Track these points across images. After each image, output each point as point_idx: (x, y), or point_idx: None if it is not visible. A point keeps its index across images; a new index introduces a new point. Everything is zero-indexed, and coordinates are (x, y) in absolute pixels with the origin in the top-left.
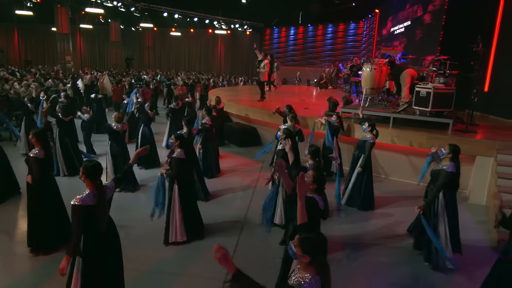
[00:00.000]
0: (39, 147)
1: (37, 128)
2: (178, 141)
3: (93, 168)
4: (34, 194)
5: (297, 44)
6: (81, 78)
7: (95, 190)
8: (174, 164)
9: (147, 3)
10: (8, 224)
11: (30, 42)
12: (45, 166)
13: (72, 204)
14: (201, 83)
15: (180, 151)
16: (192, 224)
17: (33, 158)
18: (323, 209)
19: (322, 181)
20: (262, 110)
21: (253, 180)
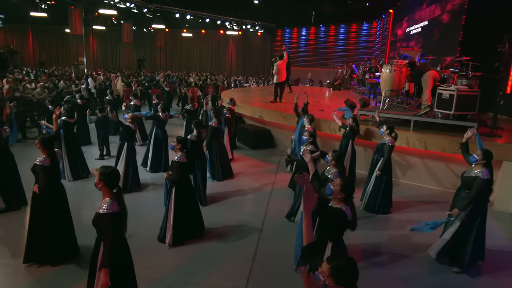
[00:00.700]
0: (45, 154)
1: (44, 134)
2: (179, 144)
3: (111, 174)
4: (39, 203)
5: (309, 44)
6: (92, 79)
7: (114, 196)
8: (175, 168)
9: (159, 4)
10: (14, 231)
11: (44, 43)
12: (51, 174)
13: (101, 214)
14: (212, 84)
15: (181, 154)
16: (184, 228)
17: (39, 167)
18: (352, 220)
19: (350, 190)
20: (276, 112)
21: (269, 183)
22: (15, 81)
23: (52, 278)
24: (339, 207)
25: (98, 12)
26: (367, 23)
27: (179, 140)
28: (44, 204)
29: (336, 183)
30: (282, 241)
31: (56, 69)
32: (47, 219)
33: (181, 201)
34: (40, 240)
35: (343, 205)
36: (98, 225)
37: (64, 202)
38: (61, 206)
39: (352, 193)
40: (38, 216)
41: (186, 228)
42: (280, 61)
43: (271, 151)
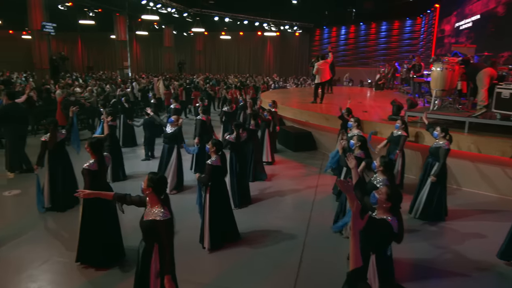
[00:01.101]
0: (94, 158)
1: (92, 138)
2: (214, 147)
3: (160, 181)
4: (87, 206)
5: (348, 43)
6: (137, 82)
7: (163, 202)
8: (206, 170)
9: (199, 8)
10: (67, 230)
11: (92, 49)
12: (98, 178)
13: (159, 221)
14: (252, 86)
15: (215, 157)
16: (220, 232)
17: (85, 171)
18: (398, 232)
19: (397, 199)
20: (318, 114)
21: (312, 186)
22: (66, 86)
23: (100, 281)
24: (383, 218)
25: (141, 18)
26: (410, 20)
27: (214, 143)
28: (91, 208)
29: (381, 191)
30: (328, 251)
31: (103, 73)
32: (95, 222)
33: (215, 206)
34: (89, 242)
35: (389, 216)
36: (154, 233)
37: (111, 206)
38: (108, 210)
39: (399, 203)
40: (87, 219)
41: (221, 232)
42: (321, 61)
43: (312, 153)
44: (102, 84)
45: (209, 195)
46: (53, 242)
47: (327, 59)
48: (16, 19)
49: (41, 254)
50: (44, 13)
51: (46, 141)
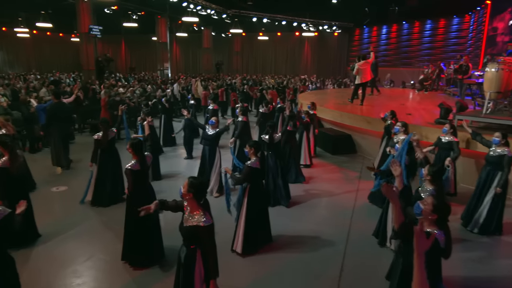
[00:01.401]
0: (135, 159)
1: (133, 139)
2: (253, 148)
3: (200, 186)
4: (130, 207)
5: (389, 43)
6: (178, 83)
7: (203, 207)
8: (245, 171)
9: (237, 10)
10: (110, 228)
11: (134, 51)
12: (140, 178)
13: (203, 227)
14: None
15: (255, 160)
16: (255, 237)
17: (128, 171)
18: (444, 247)
19: (445, 211)
20: (359, 116)
21: (351, 191)
22: (110, 86)
23: (140, 280)
24: (428, 231)
25: (181, 20)
26: (458, 17)
27: (252, 145)
28: (134, 208)
29: (427, 201)
30: (370, 262)
31: (145, 74)
32: (138, 223)
33: (253, 209)
34: (132, 241)
35: (435, 229)
36: (197, 238)
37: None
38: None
39: (447, 215)
40: (130, 218)
41: (256, 236)
42: (362, 61)
43: (351, 157)
44: (144, 84)
45: (247, 198)
46: (97, 239)
47: (368, 59)
48: (66, 23)
49: (85, 250)
50: (91, 17)
51: (99, 139)
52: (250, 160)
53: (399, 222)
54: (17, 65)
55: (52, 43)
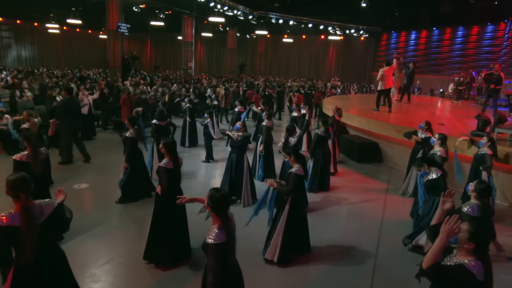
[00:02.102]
0: (168, 158)
1: (167, 139)
2: (292, 155)
3: (221, 200)
4: (161, 205)
5: (418, 49)
6: (200, 84)
7: (223, 223)
8: (291, 180)
9: (264, 11)
10: (131, 228)
11: (159, 49)
12: (173, 177)
13: (211, 244)
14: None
15: (298, 167)
16: (291, 246)
17: (162, 168)
18: (483, 280)
19: (483, 240)
20: (388, 124)
21: (379, 203)
22: (136, 84)
23: (166, 281)
24: (461, 264)
25: (207, 20)
26: (492, 25)
27: (291, 152)
28: (165, 207)
29: (462, 228)
30: (401, 274)
31: (170, 73)
32: (167, 222)
33: (293, 218)
34: (159, 241)
35: (472, 259)
36: (206, 253)
37: (182, 206)
38: (180, 210)
39: (486, 245)
40: (159, 218)
41: (293, 246)
42: (386, 67)
43: (378, 166)
44: (168, 83)
45: (290, 205)
46: (117, 240)
47: (392, 65)
48: (95, 20)
49: (104, 253)
50: (120, 14)
51: (133, 137)
52: (294, 168)
53: (432, 262)
54: (47, 60)
55: (81, 40)
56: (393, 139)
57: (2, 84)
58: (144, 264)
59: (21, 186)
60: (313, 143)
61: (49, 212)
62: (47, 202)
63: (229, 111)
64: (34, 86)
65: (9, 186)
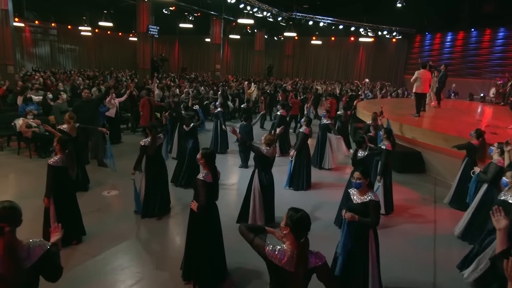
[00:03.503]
0: (207, 170)
1: (206, 149)
2: (368, 178)
3: (301, 221)
4: (197, 221)
5: (454, 51)
6: (228, 87)
7: (301, 246)
8: (374, 209)
9: (293, 13)
10: (164, 240)
11: (187, 51)
12: (211, 192)
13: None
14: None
15: (372, 192)
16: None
17: (201, 182)
18: None
19: None
20: (435, 133)
21: (428, 218)
22: (165, 87)
23: None
24: None
25: (235, 22)
26: None
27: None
28: (202, 223)
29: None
30: None
31: (198, 75)
32: (204, 240)
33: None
34: (196, 260)
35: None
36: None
37: (218, 222)
38: (217, 227)
39: None
40: (196, 236)
41: None
42: (422, 70)
43: (420, 177)
44: (198, 86)
45: (374, 236)
46: (146, 256)
47: (426, 69)
48: (125, 22)
49: (133, 270)
50: (150, 17)
51: (146, 146)
52: (369, 195)
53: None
54: (79, 62)
55: (111, 42)
56: (437, 148)
57: (36, 86)
58: (177, 283)
59: (7, 217)
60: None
61: (38, 256)
62: (37, 242)
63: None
64: (66, 88)
65: None
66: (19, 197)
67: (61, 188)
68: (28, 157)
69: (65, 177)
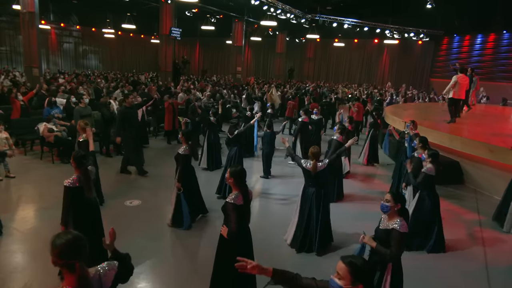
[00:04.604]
0: (237, 190)
1: (236, 166)
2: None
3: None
4: (226, 247)
5: (484, 54)
6: (252, 90)
7: None
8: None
9: (316, 14)
10: (190, 259)
11: (207, 54)
12: (243, 215)
13: None
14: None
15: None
16: None
17: (231, 206)
18: None
19: None
20: (478, 143)
21: (475, 238)
22: (188, 90)
23: None
24: None
25: (257, 24)
26: None
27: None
28: (232, 250)
29: None
30: None
31: (220, 78)
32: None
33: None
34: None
35: None
36: None
37: (251, 249)
38: (249, 254)
39: None
40: (224, 264)
41: None
42: (460, 74)
43: (459, 188)
44: (221, 90)
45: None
46: (171, 278)
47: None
48: (147, 24)
49: None
50: (173, 19)
51: (187, 154)
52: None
53: None
54: (102, 64)
55: (134, 44)
56: (479, 158)
57: (62, 89)
58: None
59: (75, 252)
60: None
61: (111, 280)
62: (106, 267)
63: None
64: (89, 91)
65: (58, 253)
66: (41, 207)
67: (80, 212)
68: (51, 162)
69: (82, 199)
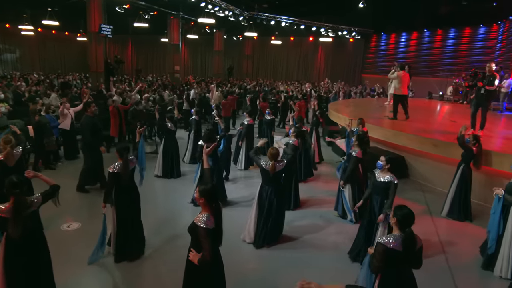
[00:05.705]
0: (207, 212)
1: (206, 184)
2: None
3: None
4: (198, 274)
5: (408, 51)
6: (194, 89)
7: None
8: (377, 253)
9: (255, 12)
10: None
11: (141, 52)
12: (214, 239)
13: None
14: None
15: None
16: None
17: (203, 231)
18: None
19: None
20: (422, 138)
21: (430, 235)
22: (123, 92)
23: None
24: None
25: (194, 22)
26: (485, 27)
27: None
28: (205, 279)
29: None
30: None
31: (156, 77)
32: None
33: None
34: None
35: None
36: None
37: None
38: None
39: None
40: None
41: None
42: (401, 71)
43: (404, 182)
44: (161, 91)
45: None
46: None
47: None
48: (72, 21)
49: None
50: (102, 15)
51: (116, 172)
52: (385, 237)
53: None
54: (20, 64)
55: (57, 42)
56: (422, 152)
57: None
58: None
59: None
60: (350, 167)
61: None
62: None
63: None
64: (8, 96)
65: None
66: None
67: None
68: None
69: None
